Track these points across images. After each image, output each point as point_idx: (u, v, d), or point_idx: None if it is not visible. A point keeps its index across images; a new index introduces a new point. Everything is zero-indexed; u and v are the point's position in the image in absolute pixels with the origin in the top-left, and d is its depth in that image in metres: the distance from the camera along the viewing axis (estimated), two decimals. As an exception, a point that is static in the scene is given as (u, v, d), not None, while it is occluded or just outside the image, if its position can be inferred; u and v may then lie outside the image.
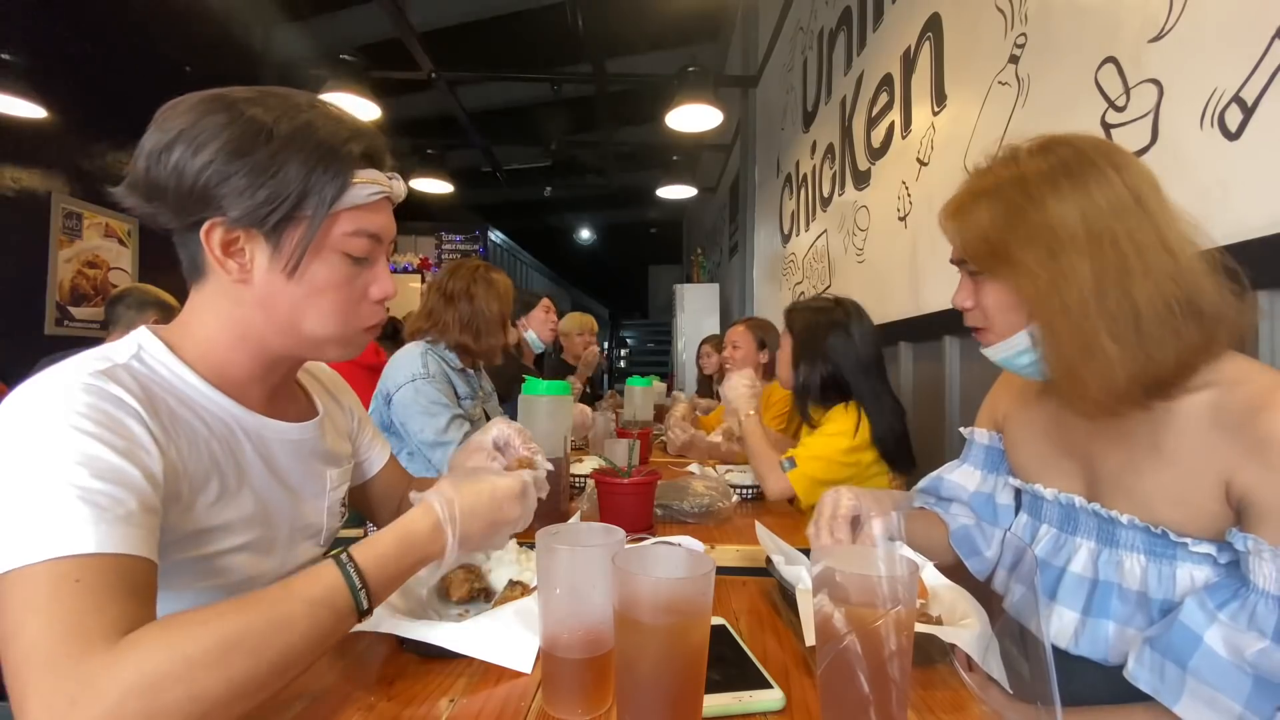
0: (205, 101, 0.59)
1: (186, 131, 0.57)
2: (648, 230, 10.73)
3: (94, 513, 0.47)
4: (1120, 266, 0.63)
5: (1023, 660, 0.53)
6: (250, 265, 0.61)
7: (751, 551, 1.01)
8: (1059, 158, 0.68)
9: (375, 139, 0.65)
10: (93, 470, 0.48)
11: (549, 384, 1.13)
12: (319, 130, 0.60)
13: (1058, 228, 0.65)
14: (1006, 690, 0.57)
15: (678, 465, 1.90)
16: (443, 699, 0.57)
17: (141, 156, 0.58)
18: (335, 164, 0.60)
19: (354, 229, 0.63)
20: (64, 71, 3.67)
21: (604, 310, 14.25)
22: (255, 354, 0.65)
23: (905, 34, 2.14)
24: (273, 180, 0.58)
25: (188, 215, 0.59)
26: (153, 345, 0.61)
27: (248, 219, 0.58)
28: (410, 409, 1.56)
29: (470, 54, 5.16)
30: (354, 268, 0.64)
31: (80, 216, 4.01)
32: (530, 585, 0.75)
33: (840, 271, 2.82)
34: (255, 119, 0.58)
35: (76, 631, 0.42)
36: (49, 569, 0.44)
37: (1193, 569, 0.64)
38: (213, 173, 0.57)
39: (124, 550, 0.47)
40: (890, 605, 0.47)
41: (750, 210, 4.82)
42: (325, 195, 0.60)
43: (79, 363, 0.55)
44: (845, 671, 0.47)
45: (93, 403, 0.51)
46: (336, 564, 0.53)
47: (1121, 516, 0.69)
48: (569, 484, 1.24)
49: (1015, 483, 0.86)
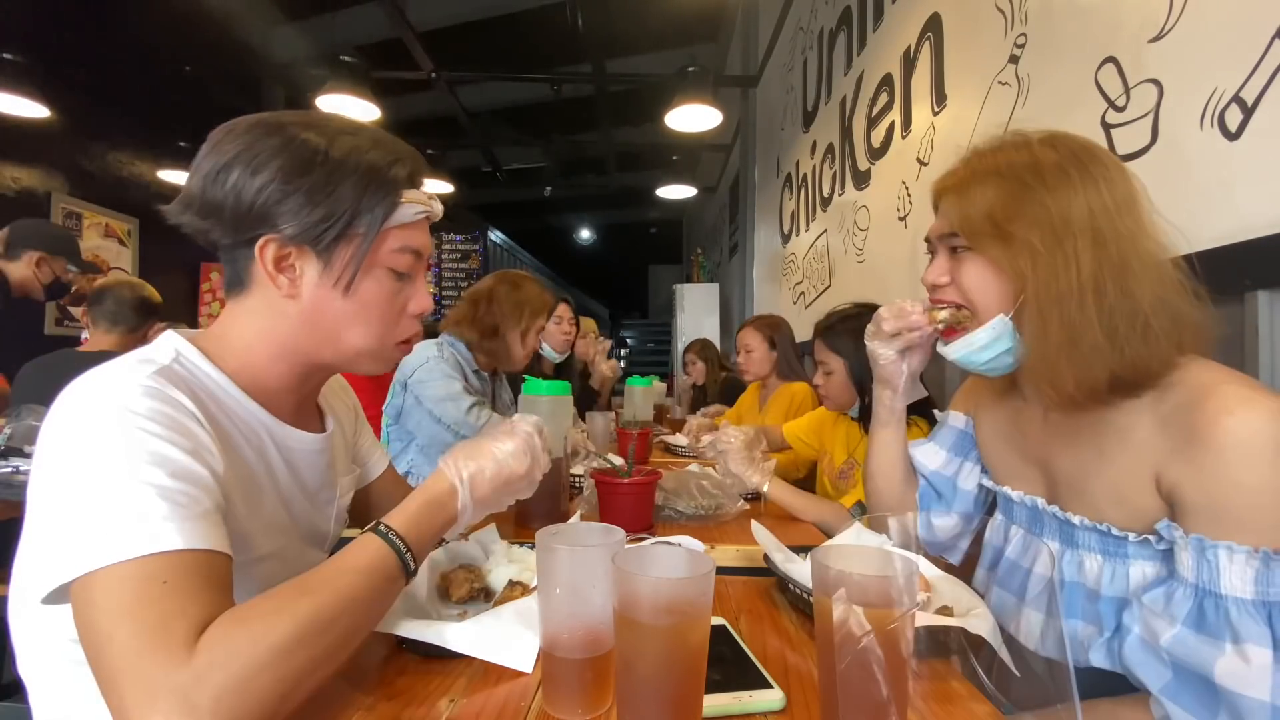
0: (259, 125, 0.61)
1: (244, 154, 0.59)
2: (648, 230, 10.74)
3: (175, 510, 0.48)
4: (1120, 263, 0.64)
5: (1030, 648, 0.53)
6: (300, 280, 0.63)
7: (751, 551, 1.01)
8: (1070, 151, 0.69)
9: (417, 161, 0.68)
10: (168, 470, 0.50)
11: (549, 384, 1.13)
12: (369, 153, 0.63)
13: (1067, 215, 0.66)
14: (1016, 683, 0.57)
15: (678, 465, 1.90)
16: (443, 699, 0.57)
17: (198, 176, 0.61)
18: (385, 185, 0.64)
19: (400, 246, 0.66)
20: (64, 71, 3.67)
21: (604, 310, 14.24)
22: (294, 365, 0.67)
23: (905, 34, 2.14)
24: (328, 200, 0.61)
25: (243, 232, 0.61)
26: (188, 350, 0.62)
27: (303, 236, 0.61)
28: (426, 381, 1.62)
29: (470, 54, 5.17)
30: (398, 283, 0.68)
31: (80, 216, 4.01)
32: (530, 585, 0.75)
33: (840, 271, 2.82)
34: (309, 142, 0.61)
35: (168, 633, 0.43)
36: (137, 569, 0.45)
37: (1144, 566, 0.65)
38: (271, 192, 0.59)
39: (206, 546, 0.48)
40: (900, 605, 0.47)
41: (750, 210, 4.82)
42: (377, 214, 0.63)
43: (128, 365, 0.56)
44: (862, 670, 0.47)
45: (156, 406, 0.52)
46: (377, 534, 0.57)
47: (1075, 518, 0.70)
48: (569, 484, 1.24)
49: (988, 484, 0.88)
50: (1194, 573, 0.57)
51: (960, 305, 0.76)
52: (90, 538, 0.46)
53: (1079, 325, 0.64)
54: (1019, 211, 0.68)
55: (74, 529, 0.47)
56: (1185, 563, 0.58)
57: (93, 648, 0.44)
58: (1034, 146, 0.71)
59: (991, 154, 0.74)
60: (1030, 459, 0.79)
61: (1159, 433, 0.63)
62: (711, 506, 1.26)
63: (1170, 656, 0.58)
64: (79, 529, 0.46)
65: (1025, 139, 0.72)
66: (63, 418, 0.51)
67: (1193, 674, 0.56)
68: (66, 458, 0.49)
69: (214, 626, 0.45)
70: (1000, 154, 0.73)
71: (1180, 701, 0.57)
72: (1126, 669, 0.62)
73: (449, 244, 7.42)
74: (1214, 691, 0.55)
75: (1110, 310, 0.63)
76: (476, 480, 0.66)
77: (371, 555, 0.55)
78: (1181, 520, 0.60)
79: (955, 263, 0.76)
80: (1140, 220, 0.66)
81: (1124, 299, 0.63)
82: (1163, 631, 0.58)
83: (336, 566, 0.53)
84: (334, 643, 0.49)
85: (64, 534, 0.47)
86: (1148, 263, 0.64)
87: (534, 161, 6.96)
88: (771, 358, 2.42)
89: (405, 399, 1.66)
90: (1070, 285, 0.64)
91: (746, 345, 2.47)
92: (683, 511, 1.24)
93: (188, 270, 5.12)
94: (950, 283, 0.76)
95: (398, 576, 0.57)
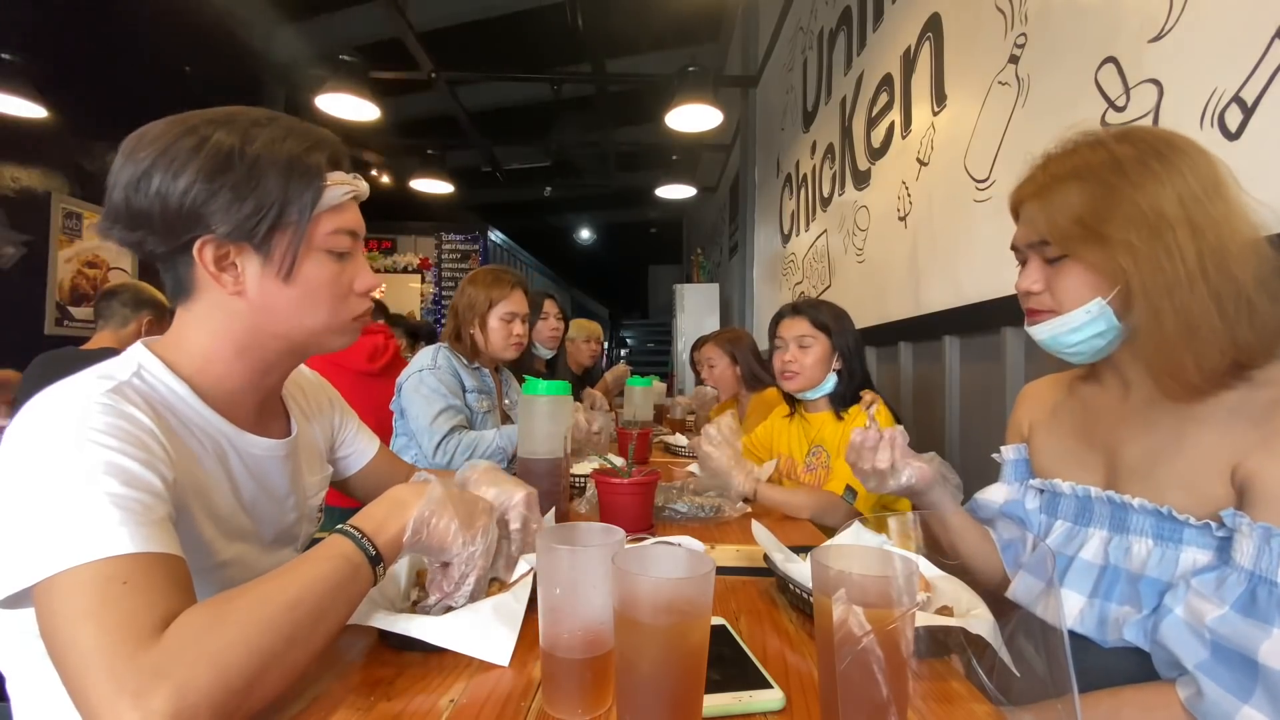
0: (169, 128, 0.62)
1: (160, 159, 0.60)
2: (648, 230, 10.73)
3: (128, 516, 0.49)
4: (1218, 246, 0.64)
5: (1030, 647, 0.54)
6: (243, 276, 0.64)
7: (751, 551, 1.01)
8: (1147, 144, 0.68)
9: (335, 144, 0.69)
10: (121, 479, 0.51)
11: (549, 384, 1.13)
12: (285, 142, 0.64)
13: (1159, 208, 0.66)
14: (1017, 683, 0.57)
15: (678, 465, 1.90)
16: (443, 699, 0.57)
17: (118, 188, 0.61)
18: (307, 171, 0.65)
19: (334, 228, 0.68)
20: (64, 71, 3.67)
21: (604, 310, 14.24)
22: (253, 362, 0.69)
23: (905, 34, 2.14)
24: (254, 193, 0.61)
25: (177, 236, 0.62)
26: (151, 363, 0.64)
27: (237, 233, 0.62)
28: (412, 396, 1.66)
29: (470, 54, 5.17)
30: (339, 264, 0.69)
31: (80, 216, 4.01)
32: (507, 581, 0.76)
33: (840, 271, 2.82)
34: (223, 140, 0.61)
35: (131, 629, 0.44)
36: (95, 572, 0.46)
37: (1196, 553, 0.65)
38: (197, 192, 0.60)
39: (160, 549, 0.49)
40: (900, 605, 0.47)
41: (750, 210, 4.82)
42: (305, 201, 0.64)
43: (87, 382, 0.57)
44: (862, 670, 0.47)
45: (110, 420, 0.54)
46: (335, 531, 0.59)
47: (1133, 500, 0.71)
48: (569, 484, 1.24)
49: (1035, 482, 0.87)
50: (1252, 560, 0.58)
51: None
52: (46, 543, 0.47)
53: (1195, 312, 0.64)
54: (1110, 212, 0.68)
55: (30, 535, 0.47)
56: (1244, 550, 0.59)
57: (58, 652, 0.45)
58: (1110, 144, 0.70)
59: (1067, 156, 0.73)
60: (1096, 446, 0.79)
61: (1242, 425, 0.64)
62: (711, 507, 1.26)
63: (1212, 635, 0.58)
64: (35, 535, 0.47)
65: (1099, 137, 0.72)
66: (22, 430, 0.53)
67: (1233, 653, 0.57)
68: (24, 467, 0.51)
69: (181, 616, 0.46)
70: (1076, 155, 0.72)
71: (1216, 677, 0.57)
72: (1161, 645, 0.63)
73: (449, 244, 7.42)
74: (1252, 671, 0.55)
75: (1218, 294, 0.63)
76: (446, 501, 0.65)
77: (330, 546, 0.57)
78: (1249, 509, 0.61)
79: (1051, 270, 0.75)
80: (1230, 202, 0.66)
81: (1228, 282, 0.63)
82: (1208, 612, 0.59)
83: (302, 558, 0.55)
84: (302, 622, 0.50)
85: (21, 540, 0.48)
86: (1244, 244, 0.64)
87: (534, 161, 6.95)
88: (734, 371, 2.45)
89: (400, 401, 1.70)
90: (1178, 275, 0.64)
91: (709, 361, 2.49)
92: (683, 511, 1.24)
93: (188, 270, 5.11)
94: (1044, 289, 0.75)
95: (361, 563, 0.57)
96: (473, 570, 0.67)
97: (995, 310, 1.55)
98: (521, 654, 0.64)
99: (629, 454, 1.18)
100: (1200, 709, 0.58)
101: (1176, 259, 0.64)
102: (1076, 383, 0.86)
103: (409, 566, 0.77)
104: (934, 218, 1.95)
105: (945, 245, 1.87)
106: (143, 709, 0.41)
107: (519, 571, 0.77)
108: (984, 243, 1.63)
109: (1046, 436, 0.88)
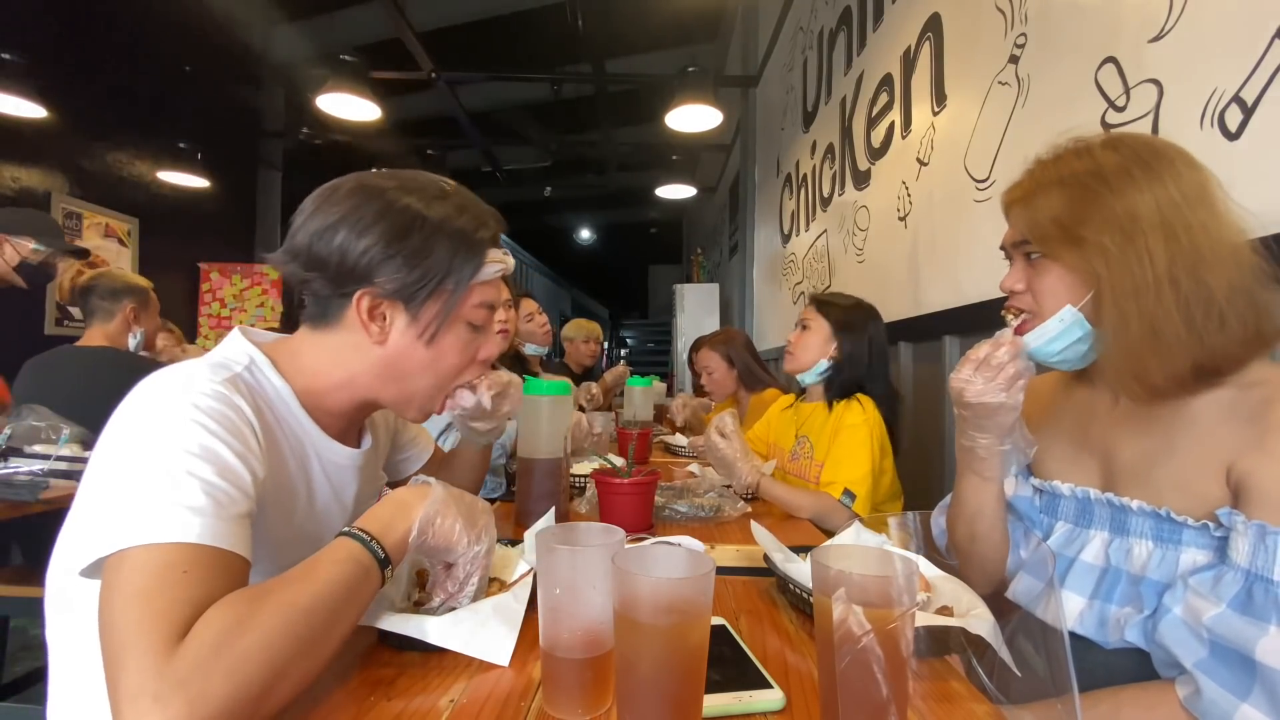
0: (360, 190, 0.68)
1: (349, 217, 0.66)
2: (648, 230, 10.73)
3: (211, 505, 0.51)
4: (1193, 253, 0.64)
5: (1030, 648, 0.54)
6: (389, 329, 0.70)
7: (751, 551, 1.01)
8: (1132, 150, 0.69)
9: (499, 223, 0.76)
10: (216, 467, 0.53)
11: (549, 384, 1.13)
12: (459, 218, 0.70)
13: (1135, 214, 0.66)
14: (1017, 683, 0.58)
15: (678, 465, 1.90)
16: (443, 699, 0.57)
17: (303, 233, 0.67)
18: (473, 246, 0.71)
19: (479, 301, 0.74)
20: (64, 71, 3.67)
21: (604, 310, 14.25)
22: (354, 395, 0.73)
23: (905, 34, 2.14)
24: (425, 262, 0.67)
25: (344, 285, 0.67)
26: (262, 361, 0.68)
27: (399, 293, 0.68)
28: None
29: (470, 54, 5.17)
30: (472, 334, 0.75)
31: (80, 216, 4.01)
32: (507, 581, 0.76)
33: (840, 271, 2.82)
34: (410, 208, 0.67)
35: (171, 620, 0.45)
36: (163, 554, 0.47)
37: (1196, 553, 0.66)
38: (375, 253, 0.66)
39: (231, 547, 0.51)
40: (900, 605, 0.47)
41: (750, 210, 4.82)
42: (465, 274, 0.71)
43: (202, 369, 0.60)
44: (862, 670, 0.47)
45: (218, 407, 0.57)
46: (342, 534, 0.59)
47: (1132, 503, 0.71)
48: (569, 484, 1.24)
49: (1035, 482, 0.87)
50: (1248, 558, 0.58)
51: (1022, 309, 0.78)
52: (133, 516, 0.48)
53: (1159, 317, 0.64)
54: (1087, 215, 0.68)
55: (121, 506, 0.49)
56: (1240, 549, 0.59)
57: (105, 619, 0.46)
58: (1095, 152, 0.71)
59: (1054, 163, 0.74)
60: (1091, 449, 0.79)
61: (1235, 426, 0.64)
62: (711, 507, 1.26)
63: (1210, 634, 0.59)
64: (125, 506, 0.49)
65: (1086, 145, 0.73)
66: (134, 404, 0.56)
67: (1230, 652, 0.57)
68: (129, 439, 0.53)
69: (204, 616, 0.47)
70: (1062, 163, 0.73)
71: (1214, 676, 0.57)
72: (1160, 645, 0.63)
73: (449, 244, 7.41)
74: (1250, 669, 0.56)
75: (1187, 300, 0.64)
76: (449, 501, 0.65)
77: (338, 549, 0.57)
78: (1244, 508, 0.61)
79: (1031, 269, 0.76)
80: (1214, 209, 0.66)
81: (1199, 288, 0.63)
82: (1205, 611, 0.59)
83: (311, 562, 0.55)
84: (317, 627, 0.50)
85: (110, 510, 0.50)
86: (1221, 251, 0.64)
87: (534, 161, 6.95)
88: (733, 374, 2.44)
89: None
90: (1146, 279, 0.65)
91: (706, 367, 2.47)
92: (683, 511, 1.24)
93: (187, 270, 5.12)
94: (1025, 289, 0.77)
95: (370, 564, 0.58)
96: (476, 570, 0.67)
97: (995, 310, 1.54)
98: (521, 654, 0.64)
99: (629, 454, 1.18)
100: (1199, 707, 0.58)
101: (1146, 263, 0.65)
102: (1071, 384, 0.86)
103: (409, 566, 0.77)
104: (934, 218, 1.95)
105: (945, 245, 1.87)
106: (159, 714, 0.42)
107: (519, 571, 0.77)
108: (984, 243, 1.63)
109: (1043, 437, 0.87)
